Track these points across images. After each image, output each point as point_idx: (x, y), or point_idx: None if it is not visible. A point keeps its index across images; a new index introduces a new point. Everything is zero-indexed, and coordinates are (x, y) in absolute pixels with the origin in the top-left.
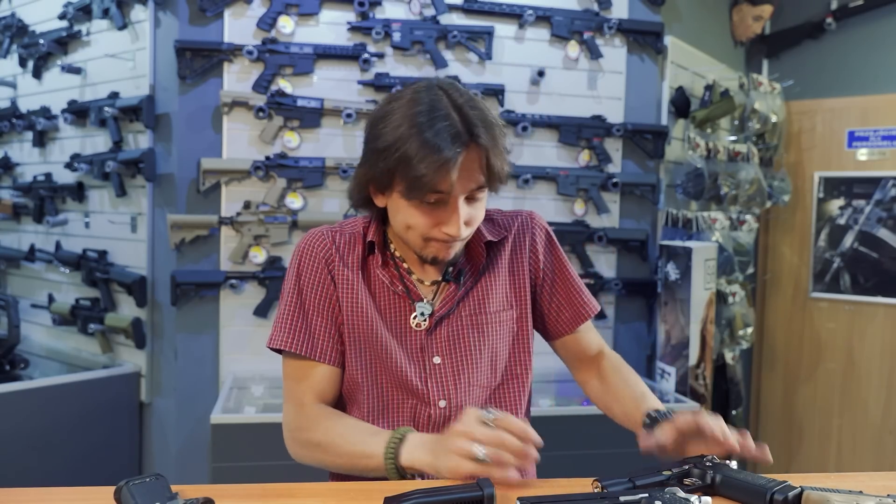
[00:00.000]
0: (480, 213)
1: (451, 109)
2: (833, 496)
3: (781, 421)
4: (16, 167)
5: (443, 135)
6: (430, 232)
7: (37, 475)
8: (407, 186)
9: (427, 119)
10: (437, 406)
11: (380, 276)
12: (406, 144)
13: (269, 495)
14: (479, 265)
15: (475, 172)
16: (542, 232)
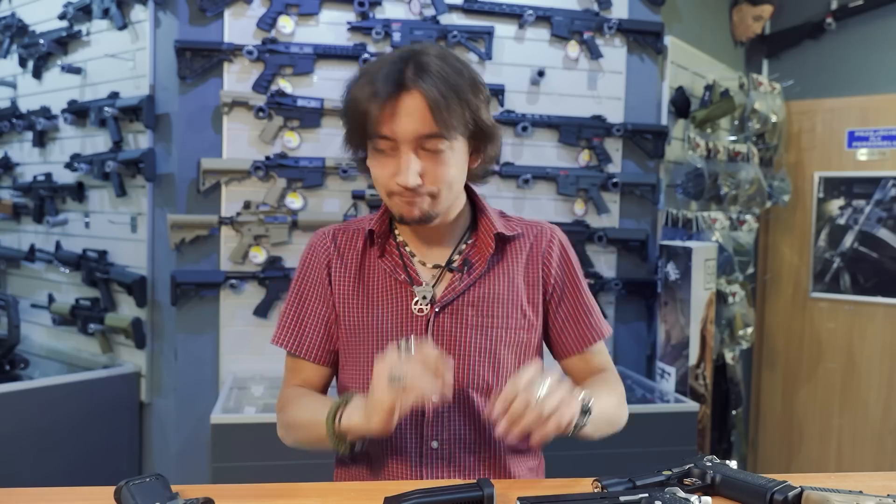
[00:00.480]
0: (447, 170)
1: (409, 59)
2: (833, 496)
3: (781, 421)
4: (16, 167)
5: (387, 77)
6: (388, 184)
7: (37, 475)
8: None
9: (381, 66)
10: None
11: (380, 266)
12: (352, 87)
13: (269, 495)
14: (486, 256)
15: (417, 118)
16: (559, 244)
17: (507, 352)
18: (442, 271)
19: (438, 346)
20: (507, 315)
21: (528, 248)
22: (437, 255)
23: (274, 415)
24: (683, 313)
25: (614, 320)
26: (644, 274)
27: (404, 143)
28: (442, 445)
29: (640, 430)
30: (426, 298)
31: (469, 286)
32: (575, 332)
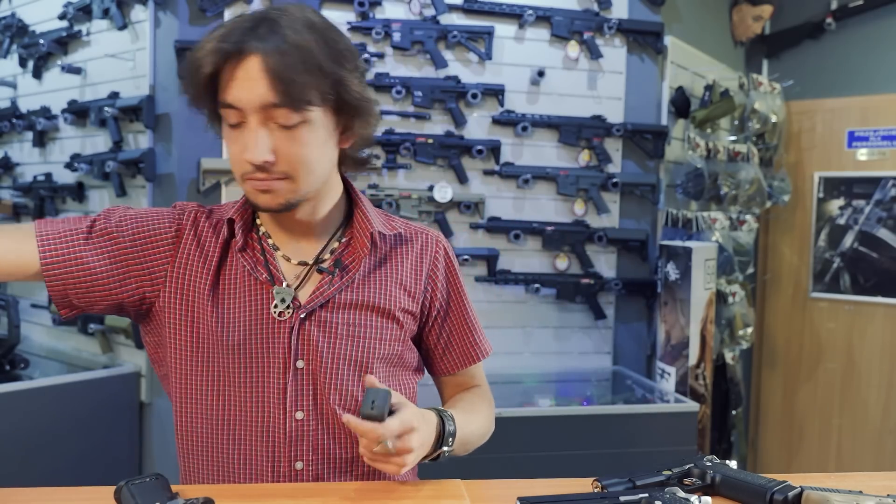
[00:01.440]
0: (303, 149)
1: (261, 18)
2: (833, 496)
3: (781, 421)
4: (16, 167)
5: (231, 36)
6: (241, 164)
7: (37, 475)
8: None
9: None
10: (293, 418)
11: (240, 261)
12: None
13: (269, 495)
14: (361, 258)
15: (262, 83)
16: (444, 254)
17: (380, 366)
18: (309, 270)
19: (303, 357)
20: (381, 325)
21: (412, 255)
22: (305, 251)
23: None
24: (683, 313)
25: (614, 320)
26: (644, 274)
27: (251, 113)
28: (308, 466)
29: (640, 430)
30: (285, 301)
31: (340, 290)
32: (459, 351)
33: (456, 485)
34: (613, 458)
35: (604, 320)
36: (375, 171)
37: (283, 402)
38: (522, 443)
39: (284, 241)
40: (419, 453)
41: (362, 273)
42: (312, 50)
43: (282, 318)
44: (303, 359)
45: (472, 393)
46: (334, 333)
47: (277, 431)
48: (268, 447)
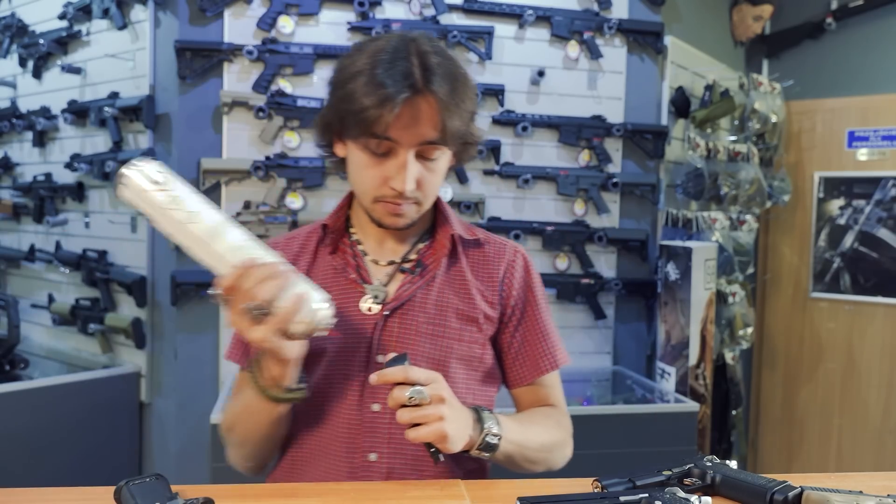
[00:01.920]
0: (436, 178)
1: (412, 54)
2: (833, 496)
3: (781, 421)
4: (16, 167)
5: (394, 74)
6: (379, 189)
7: (37, 475)
8: (352, 123)
9: (383, 58)
10: (369, 410)
11: (330, 263)
12: (356, 80)
13: (269, 495)
14: (440, 258)
15: (426, 124)
16: (523, 264)
17: (458, 365)
18: (395, 270)
19: (384, 352)
20: (460, 327)
21: (489, 261)
22: (392, 254)
23: None
24: (683, 313)
25: (614, 320)
26: (644, 274)
27: (408, 147)
28: (381, 458)
29: (640, 430)
30: (377, 298)
31: (421, 289)
32: (530, 359)
33: (456, 485)
34: (613, 458)
35: (604, 320)
36: None
37: (361, 393)
38: None
39: (374, 247)
40: (455, 418)
41: (442, 274)
42: (466, 95)
43: (369, 314)
44: (383, 354)
45: (540, 410)
46: (415, 331)
47: (354, 421)
48: (344, 436)
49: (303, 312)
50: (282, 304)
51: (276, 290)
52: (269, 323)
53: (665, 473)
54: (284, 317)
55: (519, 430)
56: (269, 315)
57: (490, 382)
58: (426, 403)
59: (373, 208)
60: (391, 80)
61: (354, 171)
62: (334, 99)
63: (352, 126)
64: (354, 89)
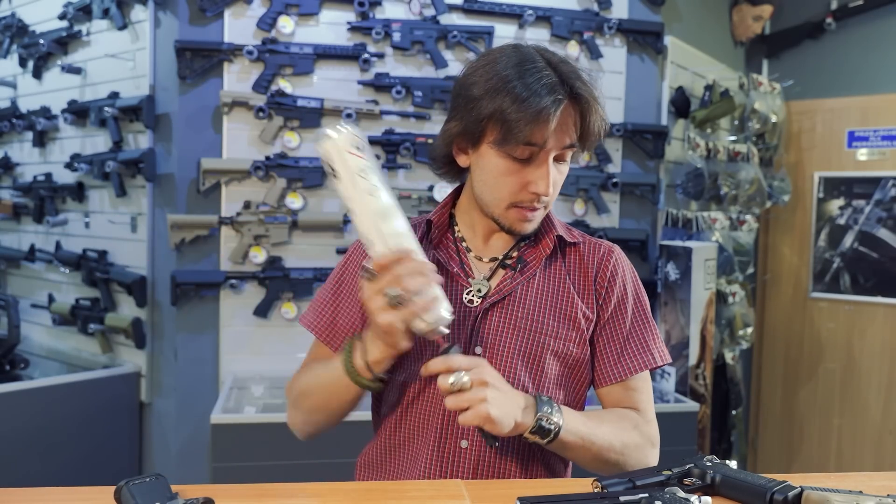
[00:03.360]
0: (563, 177)
1: (545, 63)
2: (833, 496)
3: (781, 421)
4: (16, 167)
5: (542, 83)
6: (517, 195)
7: (37, 475)
8: (503, 134)
9: (524, 68)
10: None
11: (434, 257)
12: (503, 91)
13: (269, 495)
14: (541, 257)
15: (570, 128)
16: (619, 262)
17: (553, 362)
18: (496, 266)
19: (482, 343)
20: (557, 324)
21: (586, 262)
22: (495, 250)
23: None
24: (683, 313)
25: None
26: (644, 274)
27: (551, 152)
28: (472, 445)
29: None
30: (481, 291)
31: (520, 284)
32: (618, 357)
33: (456, 485)
34: None
35: None
36: None
37: None
38: None
39: (479, 245)
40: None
41: (542, 272)
42: (600, 103)
43: (470, 306)
44: (481, 345)
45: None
46: (513, 325)
47: (446, 410)
48: (439, 423)
49: (432, 313)
50: (419, 300)
51: (420, 285)
52: (402, 312)
53: (665, 473)
54: (417, 311)
55: (585, 425)
56: (403, 305)
57: (585, 382)
58: (468, 388)
59: (505, 215)
60: (543, 91)
61: (490, 179)
62: (469, 110)
63: (508, 136)
64: (507, 101)
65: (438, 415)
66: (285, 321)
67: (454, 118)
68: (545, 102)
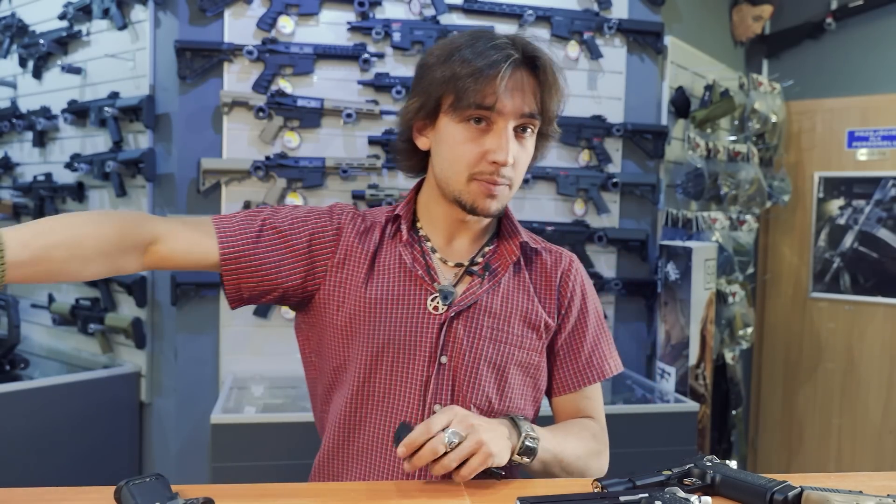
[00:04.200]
0: (526, 159)
1: (503, 38)
2: (833, 496)
3: (781, 421)
4: (16, 167)
5: (492, 45)
6: (477, 165)
7: (37, 475)
8: (455, 98)
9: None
10: (430, 410)
11: (400, 254)
12: (454, 56)
13: (269, 495)
14: (508, 263)
15: (527, 96)
16: (577, 272)
17: (516, 371)
18: (462, 272)
19: (447, 352)
20: (522, 333)
21: (548, 271)
22: (459, 255)
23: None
24: (683, 313)
25: (614, 320)
26: (644, 274)
27: (508, 119)
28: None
29: (640, 430)
30: (447, 298)
31: (487, 292)
32: (575, 369)
33: (456, 484)
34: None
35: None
36: (375, 171)
37: (423, 393)
38: None
39: (442, 245)
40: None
41: (508, 280)
42: (560, 79)
43: (435, 313)
44: (446, 354)
45: (577, 421)
46: (478, 334)
47: (415, 420)
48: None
49: None
50: None
51: None
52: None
53: (665, 473)
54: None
55: (554, 441)
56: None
57: (542, 391)
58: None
59: (467, 190)
60: (493, 53)
61: (448, 151)
62: (425, 83)
63: (456, 99)
64: (456, 65)
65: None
66: (285, 321)
67: (412, 96)
68: (494, 58)
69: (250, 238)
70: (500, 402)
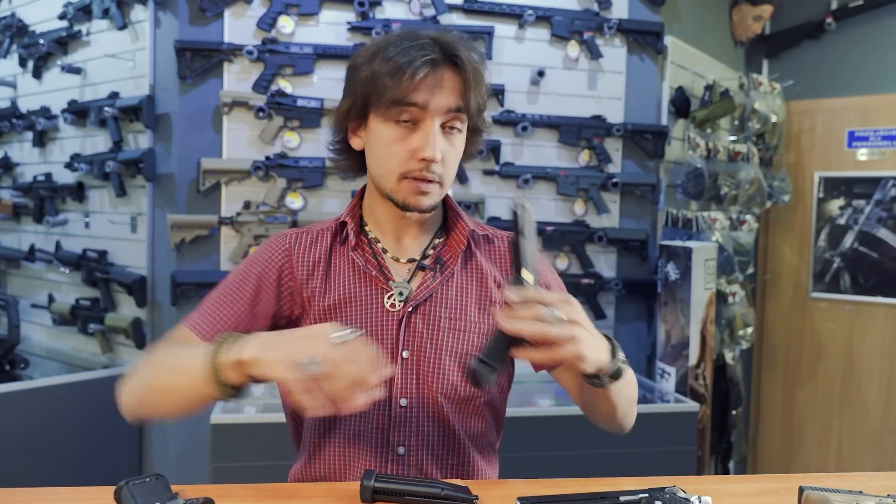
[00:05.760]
0: (456, 155)
1: (426, 38)
2: (833, 496)
3: (781, 421)
4: (16, 167)
5: (413, 44)
6: (406, 164)
7: (37, 475)
8: (377, 96)
9: (402, 36)
10: (398, 405)
11: (352, 258)
12: (378, 55)
13: (269, 495)
14: (457, 254)
15: (450, 92)
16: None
17: None
18: (414, 267)
19: (409, 347)
20: (480, 319)
21: (500, 254)
22: (410, 251)
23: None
24: (683, 313)
25: (614, 320)
26: (644, 274)
27: (433, 116)
28: (409, 452)
29: (640, 430)
30: (402, 295)
31: (441, 284)
32: None
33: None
34: (614, 458)
35: (604, 320)
36: None
37: (389, 389)
38: (522, 443)
39: (392, 244)
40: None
41: (459, 270)
42: (483, 73)
43: (392, 310)
44: (408, 349)
45: None
46: (437, 326)
47: (383, 417)
48: (374, 432)
49: None
50: None
51: None
52: None
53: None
54: None
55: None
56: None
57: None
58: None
59: (398, 188)
60: (413, 52)
61: (378, 151)
62: (353, 84)
63: (378, 98)
64: (376, 65)
65: (373, 423)
66: None
67: (343, 98)
68: (412, 56)
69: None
70: (466, 389)
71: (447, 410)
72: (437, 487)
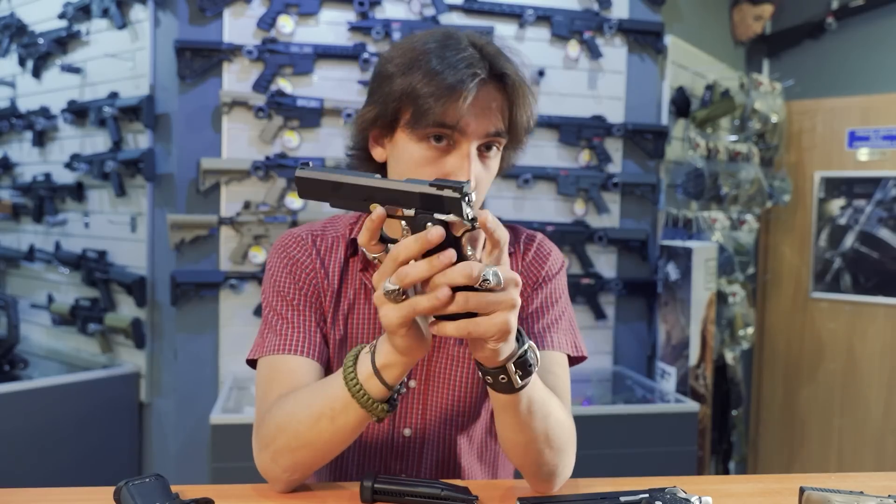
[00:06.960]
0: (489, 179)
1: (468, 44)
2: (834, 496)
3: (782, 421)
4: (15, 167)
5: (459, 57)
6: None
7: (37, 475)
8: (414, 113)
9: (444, 44)
10: (401, 434)
11: (362, 279)
12: (417, 65)
13: (269, 495)
14: None
15: (494, 114)
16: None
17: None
18: None
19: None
20: None
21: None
22: None
23: None
24: (684, 313)
25: (614, 320)
26: (644, 274)
27: (471, 139)
28: (415, 434)
29: (640, 431)
30: None
31: None
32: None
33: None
34: (613, 459)
35: (604, 320)
36: None
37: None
38: None
39: None
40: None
41: None
42: (529, 87)
43: None
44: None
45: None
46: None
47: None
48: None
49: None
50: None
51: None
52: None
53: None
54: None
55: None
56: None
57: None
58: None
59: None
60: (458, 67)
61: (405, 169)
62: (384, 93)
63: (416, 116)
64: (417, 77)
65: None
66: None
67: (369, 103)
68: (461, 76)
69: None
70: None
71: (451, 440)
72: (437, 488)
